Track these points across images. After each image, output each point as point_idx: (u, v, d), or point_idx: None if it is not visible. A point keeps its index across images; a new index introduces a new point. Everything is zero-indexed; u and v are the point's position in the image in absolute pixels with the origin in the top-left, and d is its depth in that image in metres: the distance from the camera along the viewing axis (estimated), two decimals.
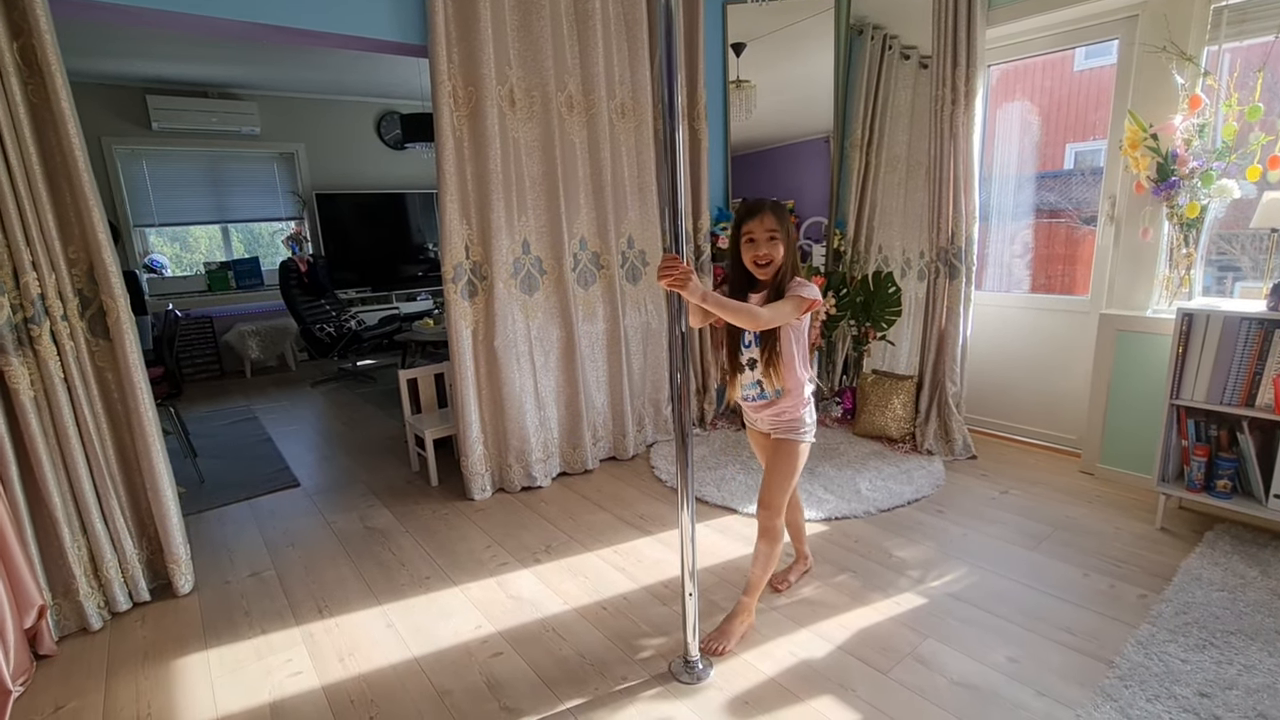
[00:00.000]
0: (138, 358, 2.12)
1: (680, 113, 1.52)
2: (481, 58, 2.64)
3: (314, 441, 4.00)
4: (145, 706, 1.75)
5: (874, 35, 3.43)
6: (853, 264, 3.68)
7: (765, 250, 1.69)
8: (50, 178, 1.95)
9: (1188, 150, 2.47)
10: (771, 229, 1.68)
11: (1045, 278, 3.42)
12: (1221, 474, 2.28)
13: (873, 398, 3.41)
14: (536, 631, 1.99)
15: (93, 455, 2.06)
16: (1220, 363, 2.26)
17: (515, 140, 2.83)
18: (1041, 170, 3.40)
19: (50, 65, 1.87)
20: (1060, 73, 3.77)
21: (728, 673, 1.76)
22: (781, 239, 1.68)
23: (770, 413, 1.85)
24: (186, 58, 4.88)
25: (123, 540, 2.15)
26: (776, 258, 1.69)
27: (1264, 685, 1.60)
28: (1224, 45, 2.47)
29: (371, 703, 1.72)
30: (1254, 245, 2.64)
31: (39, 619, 1.92)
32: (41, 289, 1.92)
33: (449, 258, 2.74)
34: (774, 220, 1.68)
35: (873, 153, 3.53)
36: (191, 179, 6.00)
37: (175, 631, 2.08)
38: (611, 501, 2.89)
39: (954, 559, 2.28)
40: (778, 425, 1.85)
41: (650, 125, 3.28)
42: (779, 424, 1.85)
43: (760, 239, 1.69)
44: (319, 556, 2.52)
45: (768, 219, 1.68)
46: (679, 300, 1.57)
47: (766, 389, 1.80)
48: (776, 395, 1.80)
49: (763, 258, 1.69)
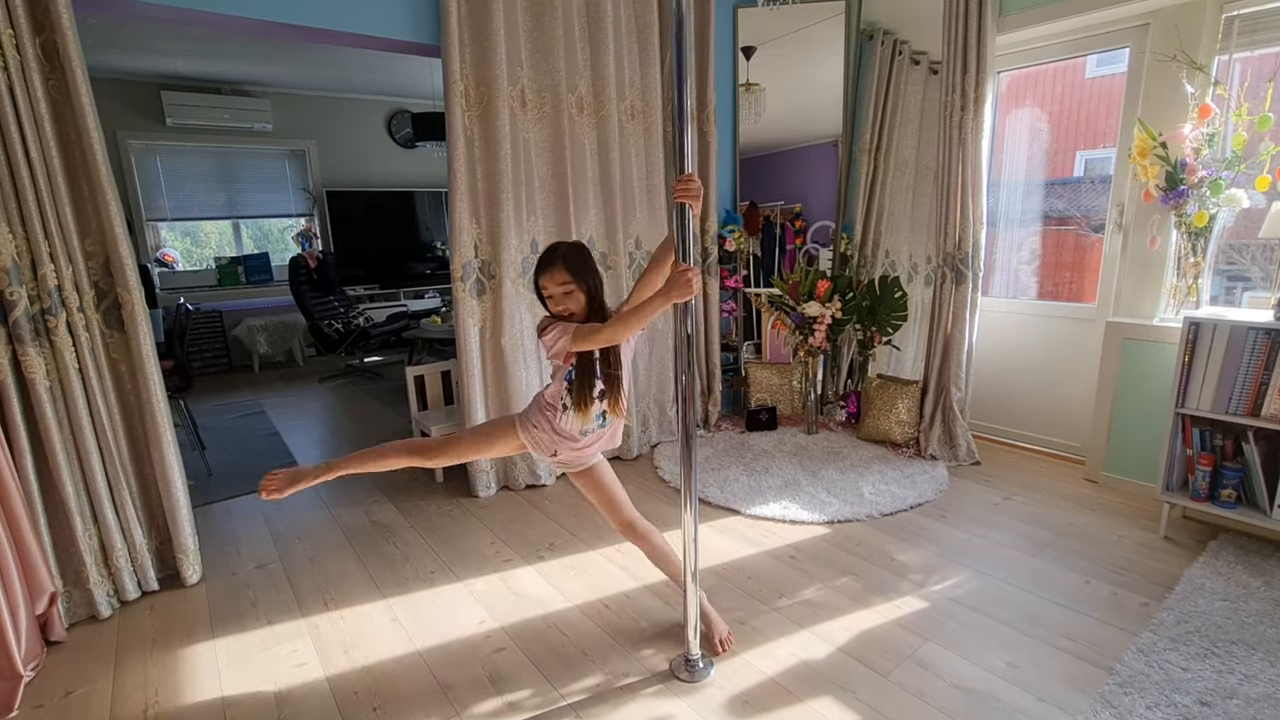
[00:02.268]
0: (151, 350, 2.15)
1: (689, 115, 1.54)
2: (494, 58, 2.67)
3: (321, 436, 4.03)
4: (153, 694, 1.77)
5: (884, 40, 3.43)
6: (859, 268, 3.69)
7: (562, 305, 1.63)
8: (69, 171, 1.98)
9: (1197, 159, 2.47)
10: (564, 282, 1.61)
11: (1052, 284, 3.41)
12: (1226, 483, 2.28)
13: (877, 402, 3.41)
14: (539, 627, 2.01)
15: (105, 446, 2.09)
16: (1226, 372, 2.25)
17: (526, 140, 2.85)
18: (1050, 177, 3.40)
19: (71, 61, 1.90)
20: (1072, 79, 3.76)
21: (728, 671, 1.77)
22: (579, 288, 1.62)
23: (605, 436, 1.78)
24: (202, 54, 4.94)
25: (133, 530, 2.18)
26: (576, 308, 1.63)
27: (1265, 695, 1.61)
28: (1235, 55, 2.47)
29: (375, 694, 1.74)
30: (1264, 255, 2.64)
31: (50, 606, 1.95)
32: (59, 280, 1.95)
33: (458, 256, 2.76)
34: (565, 274, 1.60)
35: (881, 157, 3.53)
36: (204, 174, 6.06)
37: (183, 621, 2.11)
38: None
39: (956, 563, 2.28)
40: (605, 444, 1.81)
41: (659, 127, 3.30)
42: (606, 444, 1.80)
43: (556, 294, 1.62)
44: (324, 550, 2.55)
45: (558, 273, 1.60)
46: (685, 303, 1.59)
47: (609, 416, 1.73)
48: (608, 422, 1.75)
49: (563, 312, 1.64)
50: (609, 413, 1.72)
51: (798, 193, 3.88)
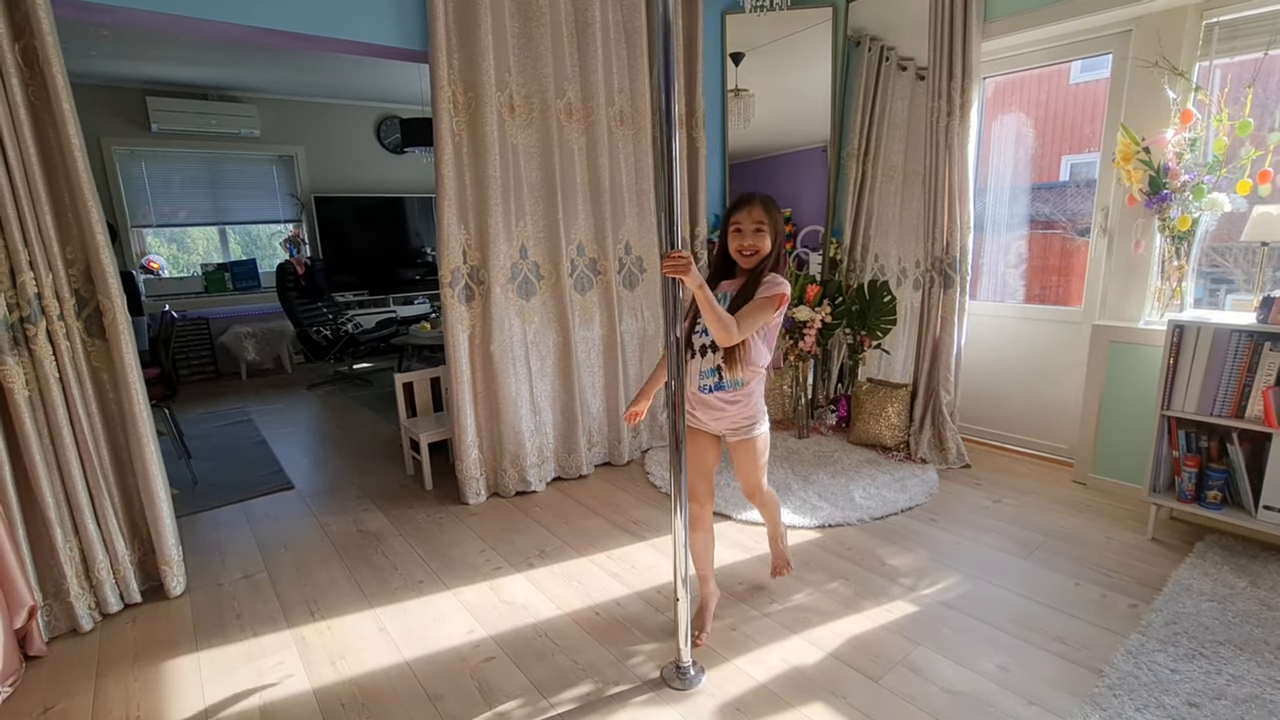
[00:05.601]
0: (133, 358, 2.12)
1: (678, 120, 1.54)
2: (482, 64, 2.66)
3: (309, 444, 3.99)
4: (135, 708, 1.74)
5: (871, 46, 3.46)
6: (849, 272, 3.70)
7: (750, 241, 1.71)
8: (49, 178, 1.95)
9: (1179, 164, 2.50)
10: (759, 220, 1.70)
11: (1039, 288, 3.44)
12: (1212, 485, 2.29)
13: (867, 406, 3.42)
14: (529, 636, 1.99)
15: (86, 456, 2.06)
16: (1211, 374, 2.28)
17: (514, 146, 2.85)
18: (1036, 181, 3.43)
19: (51, 66, 1.88)
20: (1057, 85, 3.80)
21: (719, 679, 1.76)
22: (768, 232, 1.71)
23: (727, 414, 1.79)
24: (187, 60, 4.90)
25: (115, 541, 2.15)
26: (762, 248, 1.71)
27: (1252, 695, 1.61)
28: (1215, 61, 2.50)
29: (363, 706, 1.71)
30: (1245, 258, 2.67)
31: (29, 619, 1.91)
32: (38, 288, 1.92)
33: (446, 262, 2.75)
34: (762, 212, 1.70)
35: (869, 162, 3.55)
36: (190, 180, 6.01)
37: (166, 633, 2.07)
38: (606, 507, 2.89)
39: (946, 567, 2.28)
40: (735, 426, 1.81)
41: (649, 133, 3.30)
42: (736, 424, 1.81)
43: (747, 230, 1.71)
44: (311, 559, 2.52)
45: (756, 211, 1.70)
46: (675, 307, 1.57)
47: (726, 379, 1.75)
48: (735, 386, 1.76)
49: (748, 248, 1.71)
50: (724, 370, 1.73)
51: (787, 198, 3.89)
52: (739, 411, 1.79)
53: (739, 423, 1.81)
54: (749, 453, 1.86)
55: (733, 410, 1.79)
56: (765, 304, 1.67)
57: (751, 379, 1.78)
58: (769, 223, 1.70)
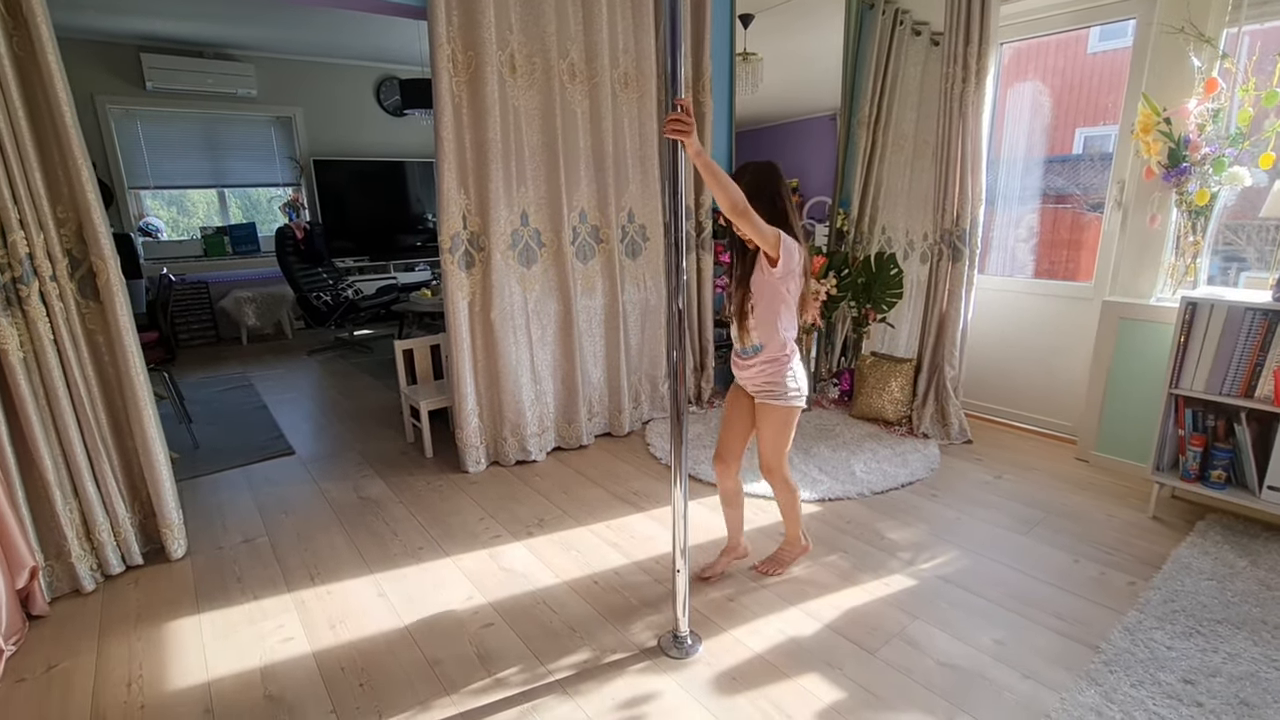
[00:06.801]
0: (129, 320, 2.10)
1: (684, 84, 1.48)
2: (482, 21, 2.57)
3: (309, 410, 3.99)
4: (137, 667, 1.76)
5: (885, 9, 3.34)
6: (855, 244, 3.64)
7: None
8: (38, 135, 1.90)
9: (1201, 136, 2.42)
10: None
11: (1049, 263, 3.39)
12: (1217, 464, 2.28)
13: (870, 380, 3.39)
14: (527, 603, 2.00)
15: (84, 418, 2.05)
16: (1222, 353, 2.24)
17: (515, 108, 2.77)
18: (1050, 154, 3.35)
19: (35, 16, 1.81)
20: (1073, 54, 3.69)
21: (716, 648, 1.77)
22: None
23: (751, 373, 1.88)
24: (182, 15, 4.77)
25: (115, 504, 2.15)
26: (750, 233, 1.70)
27: (1247, 673, 1.62)
28: (1244, 27, 2.41)
29: (362, 670, 1.73)
30: (1260, 236, 2.60)
31: (31, 580, 1.93)
32: (30, 248, 1.88)
33: (446, 228, 2.70)
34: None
35: (880, 131, 3.46)
36: (187, 141, 5.91)
37: (168, 595, 2.09)
38: (606, 477, 2.89)
39: (946, 542, 2.28)
40: (759, 388, 1.89)
41: (654, 96, 3.21)
42: (759, 386, 1.88)
43: None
44: (312, 524, 2.53)
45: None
46: (678, 277, 1.57)
47: (746, 343, 1.83)
48: (755, 351, 1.83)
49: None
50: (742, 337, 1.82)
51: (795, 167, 3.81)
52: (758, 374, 1.87)
53: (760, 385, 1.88)
54: (768, 419, 1.90)
55: (751, 372, 1.88)
56: (774, 235, 1.64)
57: (768, 346, 1.81)
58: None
